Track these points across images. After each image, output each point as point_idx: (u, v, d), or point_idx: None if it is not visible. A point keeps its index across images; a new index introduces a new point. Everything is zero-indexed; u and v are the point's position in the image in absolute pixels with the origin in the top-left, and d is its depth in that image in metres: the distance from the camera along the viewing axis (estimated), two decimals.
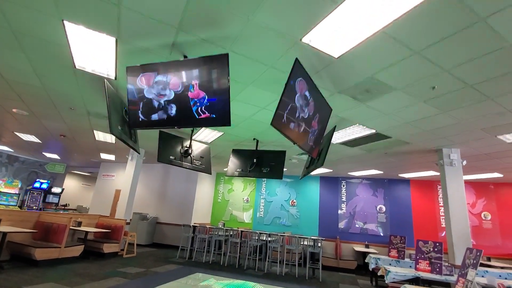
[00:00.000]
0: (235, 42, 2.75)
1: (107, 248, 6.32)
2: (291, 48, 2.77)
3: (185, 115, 2.80)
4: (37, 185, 11.61)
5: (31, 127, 6.74)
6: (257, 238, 6.95)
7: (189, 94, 2.74)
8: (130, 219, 7.67)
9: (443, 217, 8.16)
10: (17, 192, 10.76)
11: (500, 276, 4.43)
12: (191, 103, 2.73)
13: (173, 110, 2.87)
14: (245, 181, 10.34)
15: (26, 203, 11.19)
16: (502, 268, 5.63)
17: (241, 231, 7.27)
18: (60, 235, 5.33)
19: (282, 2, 2.19)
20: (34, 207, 11.37)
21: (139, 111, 3.02)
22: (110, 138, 7.03)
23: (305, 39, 2.61)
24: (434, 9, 2.12)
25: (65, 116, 5.63)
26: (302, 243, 6.69)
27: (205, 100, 2.67)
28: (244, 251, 7.47)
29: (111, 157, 9.66)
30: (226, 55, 2.63)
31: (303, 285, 5.48)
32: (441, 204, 8.28)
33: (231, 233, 7.23)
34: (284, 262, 6.53)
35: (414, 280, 4.19)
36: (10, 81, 4.18)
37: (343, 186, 9.23)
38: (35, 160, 12.04)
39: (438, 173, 7.37)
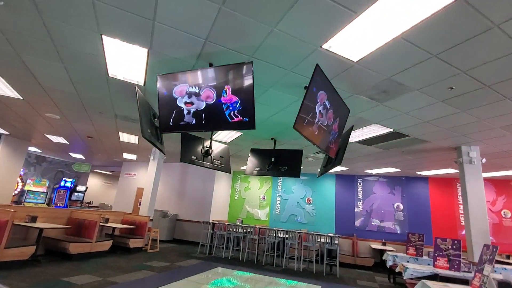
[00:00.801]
0: (258, 49, 2.93)
1: (133, 243, 6.68)
2: (311, 54, 2.91)
3: (217, 119, 3.00)
4: (63, 183, 12.26)
5: (61, 129, 7.18)
6: (274, 235, 7.14)
7: (222, 98, 2.94)
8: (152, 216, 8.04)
9: (463, 215, 8.06)
10: (44, 191, 11.41)
11: None
12: (224, 107, 2.93)
13: (204, 114, 3.08)
14: (261, 179, 10.54)
15: (53, 201, 11.86)
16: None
17: (259, 228, 7.48)
18: (92, 231, 5.71)
19: (304, 14, 2.34)
20: (61, 205, 12.02)
21: (171, 117, 3.25)
22: (134, 139, 7.38)
23: (325, 46, 2.75)
24: (450, 16, 2.22)
25: (94, 119, 5.99)
26: (319, 240, 6.83)
27: (238, 104, 2.86)
28: (262, 248, 7.68)
29: (133, 156, 10.09)
30: (251, 63, 2.81)
31: (321, 281, 5.63)
32: (461, 202, 8.18)
33: (249, 230, 7.45)
34: (302, 259, 6.68)
35: (432, 277, 4.26)
36: (46, 88, 4.53)
37: (360, 184, 9.26)
38: (61, 160, 12.70)
39: (457, 171, 7.30)
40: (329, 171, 9.06)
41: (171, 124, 3.28)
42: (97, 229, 5.75)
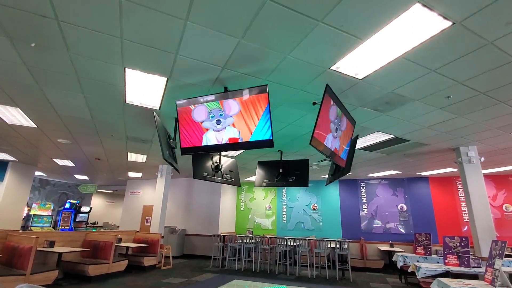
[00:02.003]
0: (271, 74, 3.17)
1: (147, 261, 6.76)
2: (320, 75, 3.16)
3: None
4: (67, 205, 12.25)
5: (70, 153, 7.31)
6: (285, 243, 7.28)
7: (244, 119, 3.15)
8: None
9: (465, 212, 8.31)
10: (50, 214, 11.39)
11: None
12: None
13: (226, 136, 3.29)
14: (266, 189, 10.70)
15: (59, 224, 11.82)
16: None
17: (269, 238, 7.61)
18: (108, 252, 5.80)
19: (316, 42, 2.59)
20: (66, 227, 11.98)
21: (197, 139, 3.45)
22: (141, 158, 7.53)
23: (333, 67, 3.01)
24: (447, 37, 2.49)
25: (104, 142, 6.15)
26: (328, 245, 6.98)
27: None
28: (273, 257, 7.79)
29: (138, 174, 10.19)
30: (266, 86, 3.05)
31: (336, 286, 5.77)
32: (462, 199, 8.44)
33: (259, 240, 7.58)
34: (314, 265, 6.82)
35: (444, 274, 4.45)
36: (63, 116, 4.71)
37: (363, 187, 9.49)
38: (65, 182, 12.71)
39: (456, 169, 7.58)
40: None
41: (194, 146, 3.47)
42: (113, 249, 5.84)
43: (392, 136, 5.15)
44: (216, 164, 5.89)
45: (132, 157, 7.42)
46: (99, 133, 5.54)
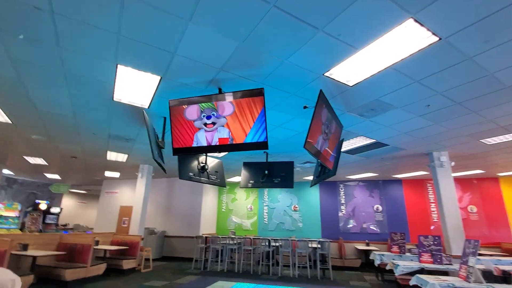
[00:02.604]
0: (267, 77, 3.23)
1: (126, 264, 6.54)
2: (314, 81, 3.28)
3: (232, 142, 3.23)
4: (38, 206, 11.50)
5: (43, 151, 6.89)
6: (267, 244, 7.36)
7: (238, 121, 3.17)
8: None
9: (434, 212, 8.90)
10: (17, 215, 10.63)
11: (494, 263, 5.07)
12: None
13: (217, 137, 3.29)
14: (247, 190, 10.73)
15: (26, 225, 11.07)
16: (491, 255, 6.32)
17: (252, 239, 7.66)
18: (86, 255, 5.54)
19: (314, 49, 2.69)
20: (34, 229, 11.24)
21: (190, 140, 3.42)
22: (122, 158, 7.27)
23: (327, 74, 3.13)
24: (433, 51, 2.69)
25: (84, 140, 5.88)
26: (310, 245, 7.16)
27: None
28: (255, 258, 7.84)
29: (116, 174, 9.81)
30: (262, 89, 3.10)
31: (318, 285, 5.94)
32: (432, 201, 9.03)
33: (242, 241, 7.60)
34: (297, 265, 6.96)
35: (419, 271, 4.74)
36: (42, 112, 4.45)
37: (341, 189, 9.83)
38: (34, 181, 11.92)
39: (427, 172, 8.10)
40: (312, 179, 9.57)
41: (187, 146, 3.44)
42: (91, 253, 5.59)
43: (374, 140, 5.42)
44: (202, 164, 5.84)
45: (112, 156, 7.15)
46: (80, 130, 5.29)
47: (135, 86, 3.56)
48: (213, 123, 3.31)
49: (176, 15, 2.31)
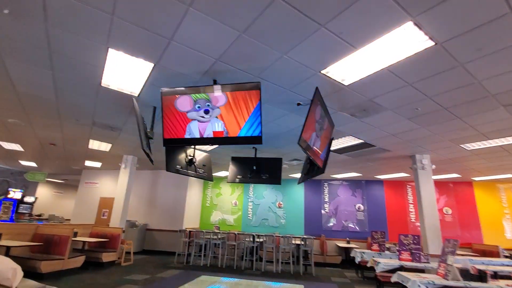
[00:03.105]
0: (264, 71, 3.19)
1: (106, 257, 6.34)
2: (310, 78, 3.28)
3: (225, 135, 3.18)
4: (10, 195, 10.90)
5: (20, 136, 6.52)
6: (252, 239, 7.38)
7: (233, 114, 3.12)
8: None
9: (412, 213, 9.25)
10: None
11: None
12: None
13: (210, 129, 3.23)
14: (233, 185, 10.69)
15: None
16: (463, 255, 6.66)
17: (236, 234, 7.65)
18: (63, 247, 5.31)
19: (314, 46, 2.68)
20: (6, 218, 10.66)
21: (182, 131, 3.32)
22: (105, 147, 7.01)
23: (324, 71, 3.14)
24: (427, 55, 2.76)
25: (65, 126, 5.60)
26: (293, 242, 7.25)
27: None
28: (238, 253, 7.84)
29: (97, 164, 9.47)
30: (259, 83, 3.07)
31: (301, 280, 6.03)
32: (410, 202, 9.38)
33: (225, 236, 7.57)
34: (280, 261, 7.03)
35: (399, 269, 4.92)
36: (21, 93, 4.19)
37: (326, 187, 10.00)
38: (7, 168, 11.27)
39: (408, 174, 8.40)
40: (298, 177, 9.68)
41: (178, 138, 3.35)
42: (70, 244, 5.37)
43: (362, 141, 5.52)
44: (190, 157, 5.73)
45: (95, 144, 6.88)
46: (61, 116, 5.04)
47: (125, 73, 3.42)
48: (208, 113, 3.24)
49: None
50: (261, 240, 7.55)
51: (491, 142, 5.15)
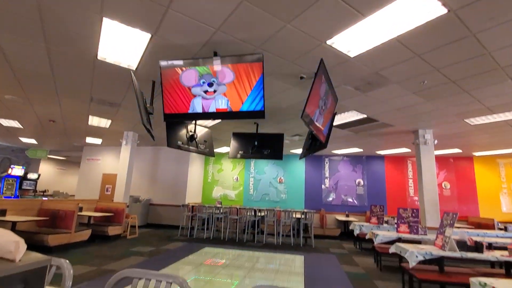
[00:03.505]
0: (266, 41, 3.05)
1: (112, 230, 6.52)
2: (315, 48, 3.14)
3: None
4: (12, 172, 11.01)
5: (19, 112, 6.43)
6: (253, 213, 7.54)
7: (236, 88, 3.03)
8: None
9: (411, 188, 9.39)
10: None
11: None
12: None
13: (214, 106, 3.15)
14: (234, 161, 10.76)
15: (1, 191, 10.67)
16: (458, 228, 6.83)
17: (238, 208, 7.81)
18: (69, 221, 5.44)
19: (319, 13, 2.53)
20: (10, 195, 10.88)
21: (185, 105, 3.25)
22: (105, 123, 6.95)
23: (329, 42, 3.00)
24: (439, 24, 2.62)
25: (63, 102, 5.51)
26: (293, 216, 7.42)
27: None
28: (240, 227, 8.06)
29: (98, 141, 9.45)
30: (261, 54, 2.94)
31: (301, 251, 6.24)
32: (410, 177, 9.48)
33: (228, 210, 7.74)
34: (281, 234, 7.24)
35: (397, 240, 5.06)
36: (16, 68, 4.05)
37: (327, 163, 10.07)
38: (8, 145, 11.27)
39: (409, 150, 8.41)
40: (299, 152, 9.70)
41: (180, 112, 3.28)
42: (75, 219, 5.49)
43: (365, 115, 5.45)
44: (191, 133, 5.70)
45: (94, 121, 6.81)
46: (58, 91, 4.92)
47: (122, 45, 3.28)
48: (214, 91, 3.14)
49: None
50: (263, 214, 7.73)
51: (496, 116, 5.08)
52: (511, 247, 3.30)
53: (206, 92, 3.14)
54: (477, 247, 3.43)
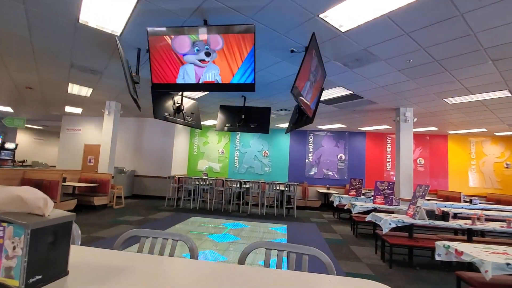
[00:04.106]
0: (258, 11, 2.99)
1: (98, 200, 6.54)
2: (307, 21, 3.12)
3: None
4: None
5: None
6: (239, 185, 7.76)
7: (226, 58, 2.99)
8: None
9: (388, 163, 9.91)
10: None
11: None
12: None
13: (205, 74, 3.12)
14: (220, 134, 10.78)
15: None
16: (428, 200, 7.40)
17: (223, 180, 7.99)
18: (54, 191, 5.40)
19: None
20: None
21: (164, 75, 3.19)
22: (85, 92, 6.68)
23: (322, 15, 2.99)
24: (431, 2, 2.66)
25: (41, 68, 5.21)
26: (277, 188, 7.72)
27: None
28: (226, 198, 8.31)
29: (78, 110, 9.10)
30: (253, 25, 2.90)
31: (283, 221, 6.59)
32: (388, 153, 9.95)
33: (213, 182, 7.91)
34: (265, 205, 7.55)
35: (373, 210, 5.46)
36: None
37: (311, 138, 10.32)
38: None
39: (390, 127, 8.75)
40: (285, 127, 9.84)
41: (169, 83, 3.23)
42: (60, 188, 5.45)
43: (350, 92, 5.56)
44: (177, 105, 5.63)
45: (74, 89, 6.52)
46: (37, 57, 4.64)
47: (106, 7, 3.10)
48: (209, 55, 3.08)
49: None
50: (247, 186, 7.97)
51: (473, 96, 5.34)
52: (474, 216, 3.68)
53: (201, 60, 3.09)
54: (444, 216, 3.79)
